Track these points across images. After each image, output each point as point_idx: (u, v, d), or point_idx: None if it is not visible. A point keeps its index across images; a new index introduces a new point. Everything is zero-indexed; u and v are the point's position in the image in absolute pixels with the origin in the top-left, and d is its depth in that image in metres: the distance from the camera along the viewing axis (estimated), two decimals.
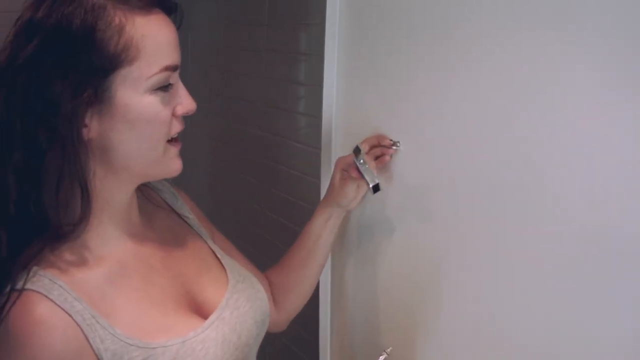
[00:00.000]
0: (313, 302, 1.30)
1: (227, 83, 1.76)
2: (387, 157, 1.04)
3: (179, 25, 0.79)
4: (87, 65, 0.71)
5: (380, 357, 0.97)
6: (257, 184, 1.59)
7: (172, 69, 0.76)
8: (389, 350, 0.98)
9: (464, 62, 0.90)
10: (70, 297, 0.73)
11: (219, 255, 0.96)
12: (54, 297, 0.72)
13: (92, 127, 0.74)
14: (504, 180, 0.85)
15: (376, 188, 1.01)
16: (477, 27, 0.87)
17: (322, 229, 1.10)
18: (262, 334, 0.94)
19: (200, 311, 0.85)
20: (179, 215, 0.98)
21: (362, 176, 1.02)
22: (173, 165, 0.82)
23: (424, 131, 1.00)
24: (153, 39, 0.74)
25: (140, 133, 0.76)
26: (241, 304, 0.89)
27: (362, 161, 1.02)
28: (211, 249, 0.97)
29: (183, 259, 0.90)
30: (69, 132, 0.72)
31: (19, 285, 0.72)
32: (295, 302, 1.13)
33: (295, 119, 1.39)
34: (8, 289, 0.72)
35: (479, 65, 0.87)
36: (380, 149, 1.05)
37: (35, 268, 0.74)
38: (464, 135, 0.91)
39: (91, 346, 0.73)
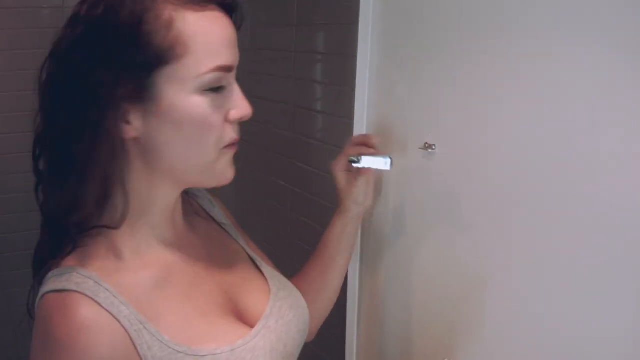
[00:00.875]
0: (342, 310, 1.28)
1: (255, 84, 1.75)
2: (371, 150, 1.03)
3: (239, 25, 0.76)
4: (130, 59, 0.68)
5: None
6: (284, 186, 1.57)
7: (224, 69, 0.72)
8: None
9: (502, 63, 0.87)
10: (117, 301, 0.70)
11: (257, 263, 0.94)
12: (101, 300, 0.69)
13: (136, 126, 0.71)
14: (546, 186, 0.82)
15: (391, 164, 1.01)
16: (515, 29, 0.84)
17: (341, 235, 1.08)
18: (303, 343, 0.91)
19: (244, 319, 0.83)
20: (217, 223, 0.96)
21: (367, 168, 1.01)
22: (225, 173, 0.78)
23: (460, 134, 0.97)
24: (204, 37, 0.70)
25: (187, 136, 0.72)
26: (285, 313, 0.87)
27: (359, 159, 1.00)
28: (250, 257, 0.95)
29: (225, 267, 0.88)
30: (106, 126, 0.69)
31: (61, 286, 0.69)
32: (321, 309, 1.10)
33: (325, 120, 1.37)
34: (48, 290, 0.70)
35: (517, 67, 0.84)
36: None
37: (78, 268, 0.71)
38: (503, 139, 0.88)
39: (138, 353, 0.70)
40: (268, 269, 0.94)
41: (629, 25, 0.70)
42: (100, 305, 0.68)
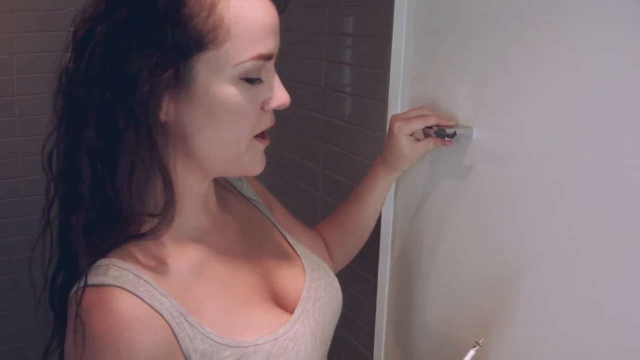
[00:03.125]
0: (372, 297, 1.28)
1: (287, 66, 1.74)
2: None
3: (282, 9, 0.72)
4: (170, 42, 0.65)
5: (472, 350, 0.85)
6: (316, 168, 1.57)
7: (265, 57, 0.69)
8: (481, 340, 0.87)
9: (543, 50, 0.85)
10: (157, 293, 0.68)
11: (291, 242, 0.93)
12: (141, 293, 0.67)
13: (169, 111, 0.69)
14: (588, 179, 0.81)
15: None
16: (564, 12, 0.82)
17: (384, 192, 1.11)
18: (335, 325, 0.91)
19: (281, 302, 0.82)
20: (247, 199, 0.95)
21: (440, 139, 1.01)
22: (255, 164, 0.76)
23: (495, 119, 0.96)
24: (247, 23, 0.67)
25: (220, 124, 0.70)
26: (321, 295, 0.86)
27: (452, 132, 0.99)
28: (283, 235, 0.94)
29: (260, 248, 0.87)
30: (145, 114, 0.66)
31: (98, 280, 0.66)
32: (351, 253, 1.16)
33: (357, 103, 1.36)
34: (82, 283, 0.67)
35: (560, 55, 0.83)
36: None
37: (115, 260, 0.68)
38: (540, 125, 0.87)
39: (180, 347, 0.68)
40: (300, 247, 0.93)
41: None
42: (141, 299, 0.66)
